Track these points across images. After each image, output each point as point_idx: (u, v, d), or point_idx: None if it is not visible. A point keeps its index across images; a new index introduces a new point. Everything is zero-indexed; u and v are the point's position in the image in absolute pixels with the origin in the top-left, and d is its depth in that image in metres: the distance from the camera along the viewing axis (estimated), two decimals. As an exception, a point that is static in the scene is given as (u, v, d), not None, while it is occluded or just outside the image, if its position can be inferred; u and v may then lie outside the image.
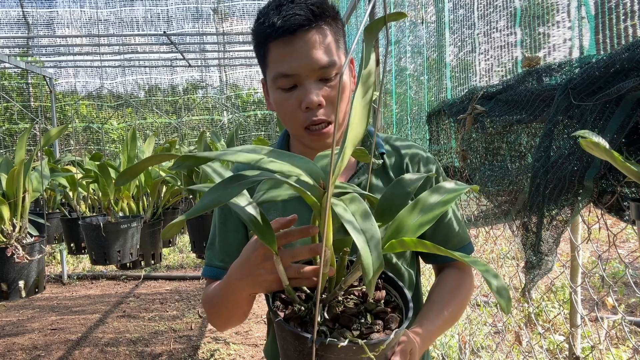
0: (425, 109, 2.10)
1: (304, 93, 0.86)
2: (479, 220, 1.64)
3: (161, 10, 5.49)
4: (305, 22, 0.84)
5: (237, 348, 3.53)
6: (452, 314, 0.95)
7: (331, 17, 0.89)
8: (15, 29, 5.36)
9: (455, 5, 1.77)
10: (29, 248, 2.25)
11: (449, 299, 0.95)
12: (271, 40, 0.87)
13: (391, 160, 1.01)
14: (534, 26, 1.23)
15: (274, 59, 0.88)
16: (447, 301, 0.95)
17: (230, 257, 0.99)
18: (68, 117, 6.30)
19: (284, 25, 0.84)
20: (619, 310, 1.42)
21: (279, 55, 0.87)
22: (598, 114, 0.78)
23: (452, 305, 0.95)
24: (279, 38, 0.86)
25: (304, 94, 0.86)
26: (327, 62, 0.86)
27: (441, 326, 0.91)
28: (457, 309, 0.96)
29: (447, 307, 0.94)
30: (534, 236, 1.06)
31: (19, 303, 4.65)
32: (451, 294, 0.96)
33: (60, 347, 3.59)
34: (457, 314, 0.97)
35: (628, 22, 0.89)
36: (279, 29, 0.84)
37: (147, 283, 5.28)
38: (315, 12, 0.85)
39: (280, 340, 0.64)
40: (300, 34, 0.85)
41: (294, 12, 0.84)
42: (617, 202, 0.82)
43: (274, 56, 0.88)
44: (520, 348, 2.47)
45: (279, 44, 0.86)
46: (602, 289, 3.86)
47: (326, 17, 0.88)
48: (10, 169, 2.32)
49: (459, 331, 2.74)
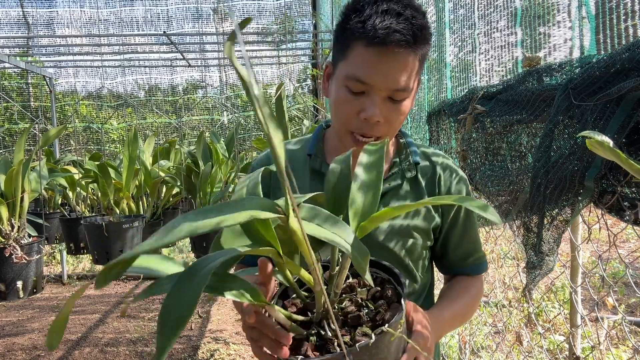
0: (425, 109, 2.10)
1: (369, 104, 0.85)
2: (479, 220, 1.63)
3: (161, 10, 5.49)
4: (404, 43, 0.81)
5: (237, 348, 3.53)
6: (462, 308, 0.96)
7: (423, 37, 0.85)
8: (15, 29, 5.36)
9: (455, 5, 1.77)
10: (28, 248, 2.24)
11: (459, 295, 0.97)
12: (361, 41, 0.83)
13: (423, 170, 1.01)
14: (534, 26, 1.23)
15: (355, 59, 0.85)
16: (457, 297, 0.96)
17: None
18: (68, 117, 6.30)
19: (382, 36, 0.80)
20: (619, 310, 1.42)
21: (362, 59, 0.84)
22: (598, 114, 0.78)
23: (462, 301, 0.97)
24: (370, 44, 0.82)
25: (369, 106, 0.84)
26: (403, 87, 0.84)
27: (451, 318, 0.92)
28: (466, 306, 0.98)
29: (457, 301, 0.96)
30: (534, 236, 1.06)
31: (19, 303, 4.65)
32: (461, 291, 0.98)
33: (60, 347, 3.59)
34: (466, 311, 0.99)
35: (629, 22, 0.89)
36: (376, 37, 0.81)
37: (148, 283, 5.28)
38: (418, 37, 0.82)
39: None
40: (392, 48, 0.81)
41: (398, 29, 0.80)
42: (618, 202, 0.82)
43: (356, 57, 0.85)
44: (521, 348, 2.47)
45: (370, 49, 0.83)
46: (602, 289, 3.86)
47: (424, 41, 0.85)
48: (9, 169, 2.32)
49: (459, 331, 2.74)
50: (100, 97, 6.67)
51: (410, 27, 0.82)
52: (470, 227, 1.03)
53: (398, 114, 0.87)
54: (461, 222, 1.01)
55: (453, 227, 1.01)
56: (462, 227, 1.01)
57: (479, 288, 1.03)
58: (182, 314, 0.37)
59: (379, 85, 0.84)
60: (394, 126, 0.89)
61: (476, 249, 1.04)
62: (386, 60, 0.82)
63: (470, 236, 1.03)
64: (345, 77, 0.86)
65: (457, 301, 0.96)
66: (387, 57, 0.82)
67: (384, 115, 0.86)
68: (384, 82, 0.83)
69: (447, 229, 1.01)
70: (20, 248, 2.18)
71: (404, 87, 0.85)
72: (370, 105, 0.84)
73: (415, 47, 0.83)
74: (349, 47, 0.86)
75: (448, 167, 1.02)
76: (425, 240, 0.98)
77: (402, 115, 0.88)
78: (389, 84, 0.84)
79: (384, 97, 0.85)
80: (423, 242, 0.98)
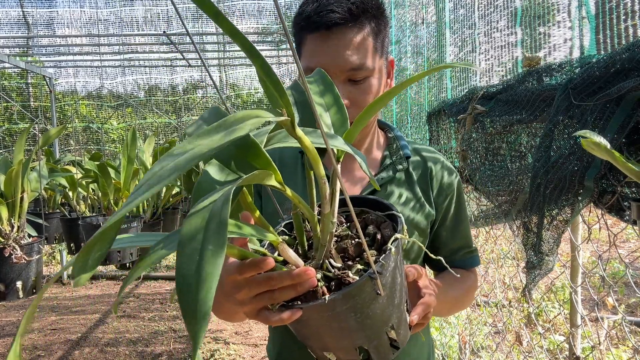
0: (425, 109, 2.10)
1: None
2: (479, 220, 1.63)
3: (161, 10, 5.49)
4: (342, 20, 0.81)
5: (237, 348, 3.53)
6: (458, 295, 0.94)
7: (373, 15, 0.85)
8: (15, 29, 5.36)
9: (455, 5, 1.77)
10: (27, 248, 2.24)
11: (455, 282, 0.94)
12: (306, 32, 0.85)
13: (414, 163, 1.01)
14: (534, 26, 1.23)
15: (306, 52, 0.86)
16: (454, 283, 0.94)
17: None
18: (68, 117, 6.30)
19: (319, 20, 0.81)
20: (619, 310, 1.42)
21: (311, 49, 0.85)
22: (598, 114, 0.78)
23: (458, 287, 0.95)
24: (313, 32, 0.83)
25: None
26: (357, 64, 0.83)
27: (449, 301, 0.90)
28: (462, 294, 0.96)
29: (453, 286, 0.93)
30: (534, 236, 1.06)
31: (19, 303, 4.65)
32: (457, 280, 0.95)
33: (60, 347, 3.59)
34: (462, 300, 0.97)
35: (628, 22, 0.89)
36: (314, 23, 0.82)
37: (147, 283, 5.28)
38: (354, 10, 0.81)
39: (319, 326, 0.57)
40: (335, 31, 0.82)
41: (331, 9, 0.81)
42: (618, 202, 0.81)
43: (306, 50, 0.86)
44: (521, 348, 2.47)
45: (314, 37, 0.84)
46: (602, 289, 3.86)
47: (367, 14, 0.84)
48: (8, 169, 2.32)
49: (459, 331, 2.74)
50: (100, 97, 6.67)
51: (347, 3, 0.81)
52: (462, 220, 1.02)
53: (363, 93, 0.86)
54: (452, 214, 1.00)
55: (445, 220, 1.00)
56: (453, 220, 1.00)
57: (473, 280, 1.01)
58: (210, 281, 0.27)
59: (330, 69, 0.83)
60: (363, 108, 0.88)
61: (468, 242, 1.03)
62: (331, 42, 0.82)
63: (462, 229, 1.01)
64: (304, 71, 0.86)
65: (454, 286, 0.94)
66: (331, 39, 0.82)
67: (348, 98, 0.84)
68: (333, 64, 0.82)
69: (440, 222, 1.00)
70: (20, 248, 2.18)
71: (358, 65, 0.83)
72: None
73: (356, 21, 0.82)
74: (301, 43, 0.87)
75: (438, 161, 1.01)
76: (423, 239, 0.97)
77: (369, 94, 0.87)
78: (339, 64, 0.82)
79: (343, 80, 0.84)
80: (421, 241, 0.97)
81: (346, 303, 0.53)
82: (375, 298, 0.54)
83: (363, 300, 0.53)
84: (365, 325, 0.56)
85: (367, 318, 0.55)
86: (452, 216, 1.00)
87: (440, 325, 2.84)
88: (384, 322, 0.58)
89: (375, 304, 0.54)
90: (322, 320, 0.55)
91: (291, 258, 0.55)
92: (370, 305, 0.54)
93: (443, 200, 0.99)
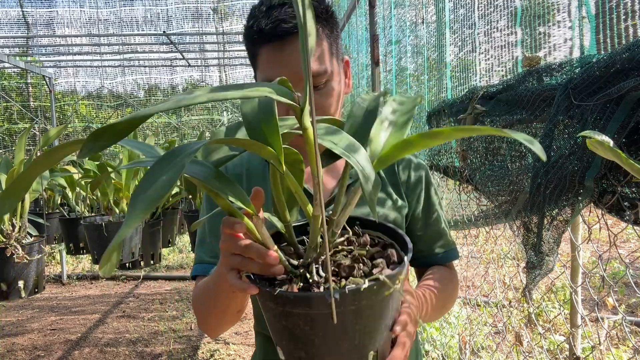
0: (425, 109, 2.10)
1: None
2: (479, 220, 1.63)
3: (161, 10, 5.49)
4: (294, 29, 0.81)
5: (237, 348, 3.53)
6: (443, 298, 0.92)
7: (324, 19, 0.86)
8: (15, 28, 5.36)
9: (455, 4, 1.77)
10: (29, 248, 2.24)
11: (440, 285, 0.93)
12: (260, 45, 0.84)
13: None
14: (534, 26, 1.23)
15: (262, 64, 0.86)
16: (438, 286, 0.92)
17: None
18: (67, 117, 6.30)
19: (272, 32, 0.81)
20: (619, 310, 1.42)
21: (265, 61, 0.85)
22: (598, 114, 0.78)
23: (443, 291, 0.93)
24: (267, 44, 0.83)
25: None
26: (316, 71, 0.84)
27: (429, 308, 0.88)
28: (446, 296, 0.94)
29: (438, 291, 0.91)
30: (534, 236, 1.06)
31: (19, 303, 4.64)
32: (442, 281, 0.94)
33: (60, 347, 3.59)
34: (446, 303, 0.96)
35: (629, 22, 0.89)
36: (267, 35, 0.82)
37: (147, 283, 5.28)
38: None
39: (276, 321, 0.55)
40: (289, 40, 0.82)
41: (282, 18, 0.81)
42: (618, 202, 0.81)
43: (262, 61, 0.85)
44: (521, 348, 2.47)
45: (268, 49, 0.84)
46: (602, 289, 3.86)
47: (319, 20, 0.85)
48: (9, 169, 2.32)
49: (459, 331, 2.74)
50: (100, 97, 6.67)
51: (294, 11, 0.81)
52: (433, 213, 1.00)
53: (326, 97, 0.87)
54: (423, 208, 0.99)
55: (416, 214, 0.99)
56: (425, 215, 0.99)
57: (454, 275, 0.99)
58: (155, 193, 0.35)
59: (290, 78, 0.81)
60: (327, 112, 0.88)
61: (443, 236, 1.01)
62: (286, 52, 0.82)
63: (435, 223, 1.00)
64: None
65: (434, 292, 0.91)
66: (285, 49, 0.82)
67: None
68: (292, 73, 0.82)
69: (411, 217, 0.99)
70: (21, 248, 2.18)
71: (317, 71, 0.83)
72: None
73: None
74: (255, 55, 0.87)
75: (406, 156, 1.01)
76: None
77: (331, 97, 0.87)
78: (299, 73, 0.82)
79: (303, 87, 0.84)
80: None
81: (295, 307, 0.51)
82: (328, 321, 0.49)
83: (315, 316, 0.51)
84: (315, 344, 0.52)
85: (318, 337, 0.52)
86: (423, 210, 0.99)
87: (441, 325, 2.84)
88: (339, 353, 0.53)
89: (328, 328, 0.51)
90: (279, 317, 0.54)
91: (263, 235, 0.56)
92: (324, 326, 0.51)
93: (412, 195, 0.98)
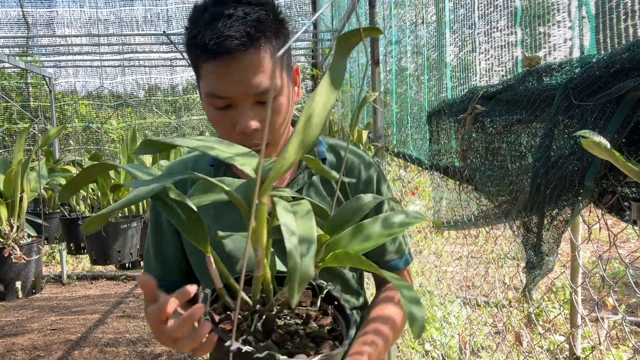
0: (425, 109, 2.10)
1: (238, 116, 0.80)
2: (479, 220, 1.63)
3: (161, 10, 5.48)
4: (241, 46, 0.75)
5: (237, 348, 3.53)
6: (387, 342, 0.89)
7: (273, 32, 0.80)
8: (15, 28, 5.36)
9: (455, 4, 1.77)
10: (27, 248, 2.24)
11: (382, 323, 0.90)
12: (204, 59, 0.78)
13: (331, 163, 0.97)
14: (534, 26, 1.23)
15: (206, 77, 0.80)
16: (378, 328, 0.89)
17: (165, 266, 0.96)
18: (67, 117, 6.30)
19: (217, 49, 0.75)
20: (619, 310, 1.42)
21: (210, 75, 0.79)
22: (598, 114, 0.78)
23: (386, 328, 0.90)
24: (211, 59, 0.77)
25: (238, 118, 0.80)
26: (264, 88, 0.79)
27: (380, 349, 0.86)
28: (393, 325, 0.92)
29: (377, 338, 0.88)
30: (534, 236, 1.05)
31: (19, 303, 4.64)
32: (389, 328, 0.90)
33: (60, 347, 3.59)
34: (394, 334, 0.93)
35: (629, 22, 0.89)
36: (211, 51, 0.76)
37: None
38: (252, 33, 0.76)
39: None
40: (236, 56, 0.76)
41: (228, 34, 0.75)
42: (618, 202, 0.81)
43: (206, 74, 0.80)
44: (521, 348, 2.47)
45: (213, 64, 0.78)
46: (602, 289, 3.86)
47: (267, 34, 0.79)
48: (8, 168, 2.32)
49: (459, 331, 2.74)
50: (100, 97, 6.67)
51: (243, 26, 0.75)
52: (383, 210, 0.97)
53: (274, 114, 0.83)
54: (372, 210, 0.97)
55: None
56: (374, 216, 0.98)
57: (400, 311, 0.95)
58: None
59: (237, 95, 0.79)
60: (275, 129, 0.85)
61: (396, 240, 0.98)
62: (231, 68, 0.77)
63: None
64: (205, 96, 0.82)
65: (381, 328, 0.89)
66: (231, 66, 0.77)
67: (260, 120, 0.80)
68: (240, 90, 0.78)
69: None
70: (19, 248, 2.18)
71: (264, 89, 0.79)
72: (240, 118, 0.80)
73: (255, 44, 0.77)
74: (197, 65, 0.82)
75: (354, 152, 0.99)
76: None
77: (279, 114, 0.83)
78: (246, 90, 0.78)
79: (252, 103, 0.80)
80: None
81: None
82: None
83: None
84: None
85: None
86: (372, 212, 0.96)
87: (441, 326, 2.84)
88: None
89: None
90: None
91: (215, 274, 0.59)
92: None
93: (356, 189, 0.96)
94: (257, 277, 0.56)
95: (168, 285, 0.83)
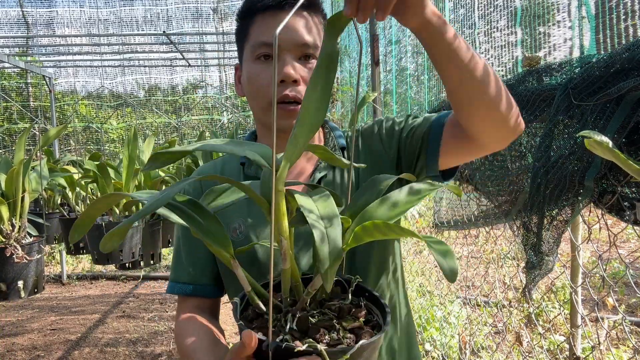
0: (425, 109, 2.10)
1: (282, 65, 0.85)
2: (479, 220, 1.63)
3: (161, 10, 5.49)
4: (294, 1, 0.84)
5: (237, 348, 3.53)
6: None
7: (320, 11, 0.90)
8: (15, 28, 5.36)
9: (455, 4, 1.77)
10: (28, 248, 2.24)
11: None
12: (258, 12, 0.86)
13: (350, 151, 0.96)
14: (534, 26, 1.23)
15: (257, 29, 0.87)
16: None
17: (197, 269, 0.96)
18: (67, 116, 6.30)
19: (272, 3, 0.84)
20: (619, 310, 1.42)
21: (263, 25, 0.86)
22: (598, 114, 0.78)
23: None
24: (265, 11, 0.85)
25: (283, 66, 0.84)
26: (311, 42, 0.85)
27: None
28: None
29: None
30: (534, 236, 1.06)
31: (19, 303, 4.64)
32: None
33: (59, 347, 3.59)
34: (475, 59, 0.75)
35: (628, 22, 0.89)
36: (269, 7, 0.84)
37: (147, 283, 5.28)
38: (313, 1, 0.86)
39: None
40: (288, 10, 0.82)
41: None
42: (618, 202, 0.81)
43: (257, 26, 0.87)
44: (521, 348, 2.47)
45: (266, 15, 0.86)
46: (602, 289, 3.86)
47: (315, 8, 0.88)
48: (9, 169, 2.32)
49: (459, 331, 2.74)
50: (100, 97, 6.67)
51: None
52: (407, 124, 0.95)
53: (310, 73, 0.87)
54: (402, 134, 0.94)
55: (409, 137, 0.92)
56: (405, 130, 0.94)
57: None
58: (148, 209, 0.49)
59: (285, 43, 0.84)
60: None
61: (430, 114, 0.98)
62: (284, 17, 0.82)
63: (416, 122, 0.93)
64: (252, 49, 0.87)
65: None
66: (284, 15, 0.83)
67: (300, 75, 0.85)
68: (289, 39, 0.84)
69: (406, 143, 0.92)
70: (21, 248, 2.18)
71: (311, 43, 0.85)
72: (283, 66, 0.84)
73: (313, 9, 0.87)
74: (249, 25, 0.88)
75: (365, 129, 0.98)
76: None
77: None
78: (295, 40, 0.84)
79: (294, 57, 0.86)
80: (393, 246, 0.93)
81: None
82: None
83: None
84: None
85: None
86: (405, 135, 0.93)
87: (441, 326, 2.84)
88: None
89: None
90: None
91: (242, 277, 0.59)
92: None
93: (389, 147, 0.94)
94: (284, 270, 0.56)
95: (201, 290, 0.92)
